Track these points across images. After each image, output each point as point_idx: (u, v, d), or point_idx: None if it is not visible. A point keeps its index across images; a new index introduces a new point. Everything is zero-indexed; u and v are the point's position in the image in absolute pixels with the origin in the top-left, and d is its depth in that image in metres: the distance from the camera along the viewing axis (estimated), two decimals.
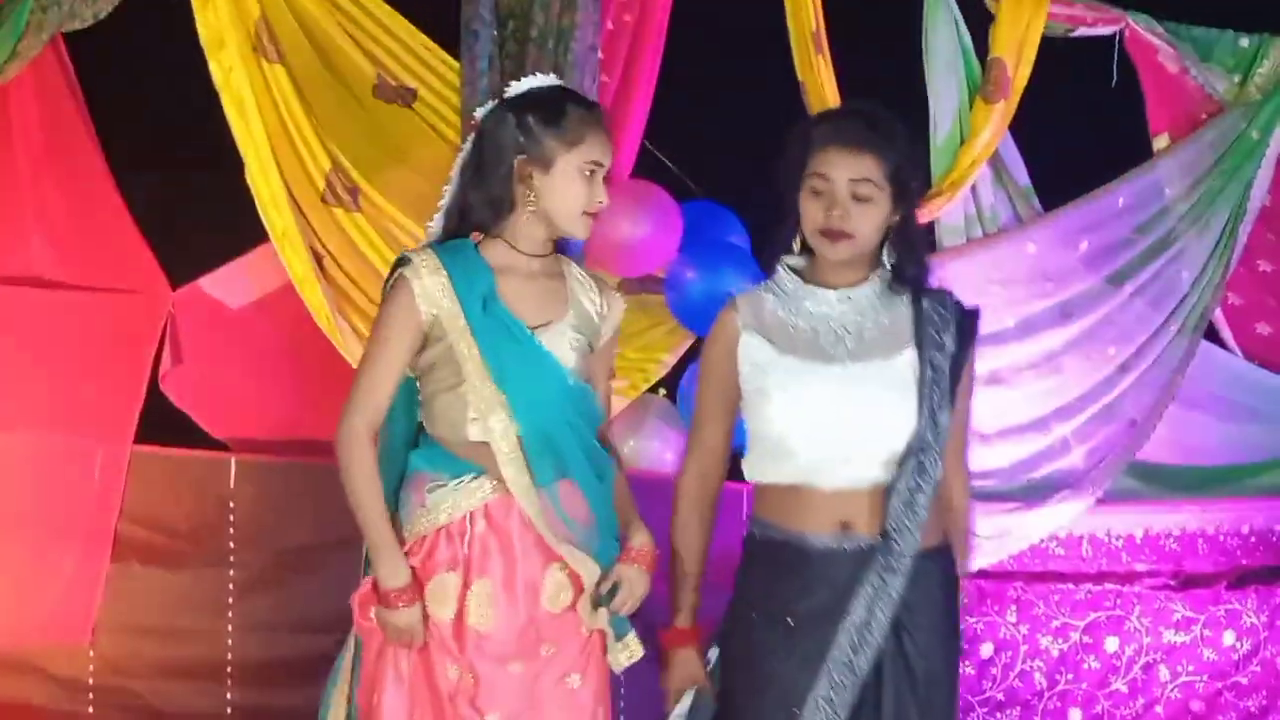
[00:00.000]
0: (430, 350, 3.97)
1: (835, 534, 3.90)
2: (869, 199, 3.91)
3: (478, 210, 4.02)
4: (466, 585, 3.95)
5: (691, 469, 4.14)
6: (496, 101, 4.05)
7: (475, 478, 3.96)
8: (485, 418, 3.93)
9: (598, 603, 4.03)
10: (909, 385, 3.92)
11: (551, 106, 3.97)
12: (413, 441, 4.08)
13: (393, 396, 3.99)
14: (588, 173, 3.98)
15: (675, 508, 4.14)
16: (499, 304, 3.96)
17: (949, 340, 3.97)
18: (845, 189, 3.90)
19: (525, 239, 4.01)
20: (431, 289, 3.94)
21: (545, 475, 3.96)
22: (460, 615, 3.94)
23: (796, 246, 4.03)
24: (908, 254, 4.01)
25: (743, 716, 3.97)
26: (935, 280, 4.09)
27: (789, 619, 3.91)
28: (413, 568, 3.95)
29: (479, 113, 4.08)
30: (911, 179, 4.00)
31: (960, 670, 4.10)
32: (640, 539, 4.10)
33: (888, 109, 4.01)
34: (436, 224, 4.09)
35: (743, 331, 4.00)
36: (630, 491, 4.17)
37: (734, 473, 4.12)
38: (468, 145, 4.06)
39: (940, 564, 4.00)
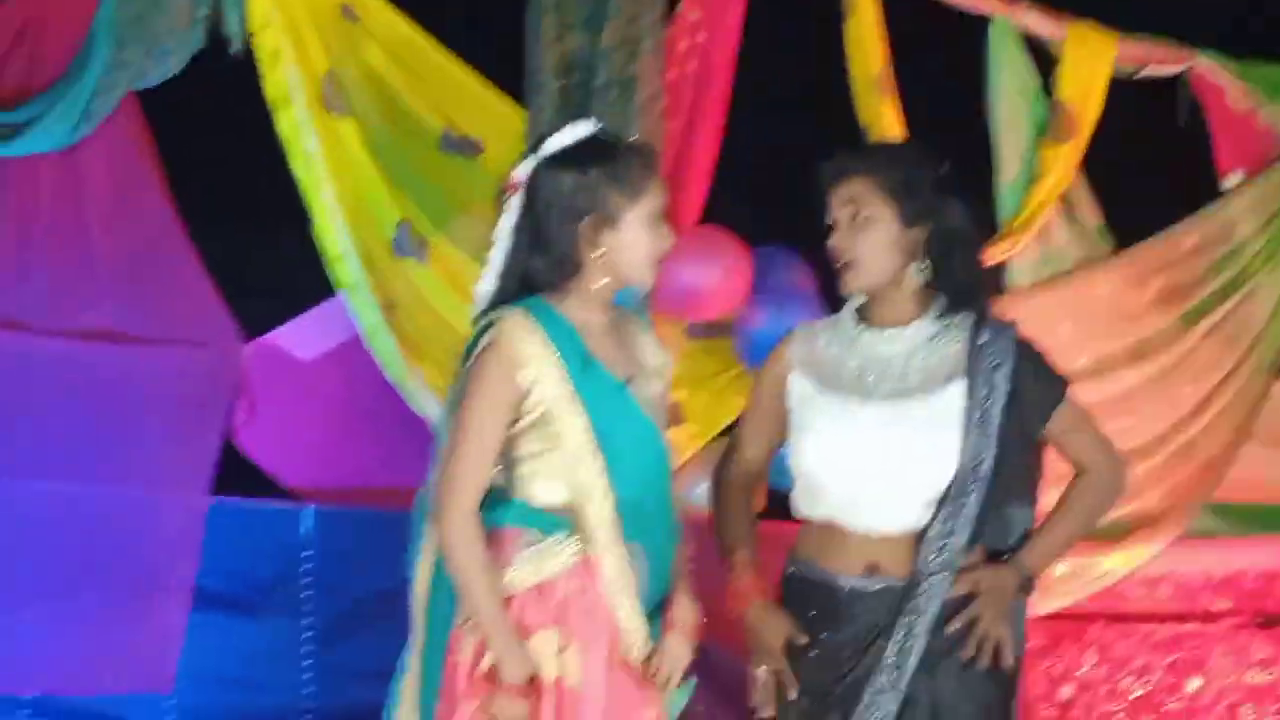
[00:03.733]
0: (525, 416, 3.84)
1: (863, 576, 3.90)
2: (867, 219, 3.91)
3: (542, 274, 3.89)
4: (564, 643, 3.85)
5: (729, 468, 4.20)
6: (538, 158, 3.93)
7: (569, 535, 3.85)
8: (583, 483, 3.82)
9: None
10: (951, 424, 3.90)
11: (609, 158, 3.87)
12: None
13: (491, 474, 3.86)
14: (654, 220, 3.90)
15: (713, 498, 4.16)
16: (597, 364, 3.87)
17: (1001, 380, 3.93)
18: (844, 217, 3.93)
19: (595, 295, 3.91)
20: (530, 352, 3.80)
21: (631, 539, 3.87)
22: (559, 676, 3.85)
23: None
24: (945, 269, 3.98)
25: None
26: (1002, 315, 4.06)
27: (811, 649, 3.91)
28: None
29: (519, 171, 3.95)
30: (920, 190, 3.95)
31: (1016, 709, 4.05)
32: (684, 608, 3.99)
33: (906, 145, 4.02)
34: (489, 287, 3.95)
35: (794, 365, 4.01)
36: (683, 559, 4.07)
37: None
38: (517, 205, 3.93)
39: None
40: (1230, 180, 7.35)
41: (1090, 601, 7.10)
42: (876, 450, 3.88)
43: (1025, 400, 3.94)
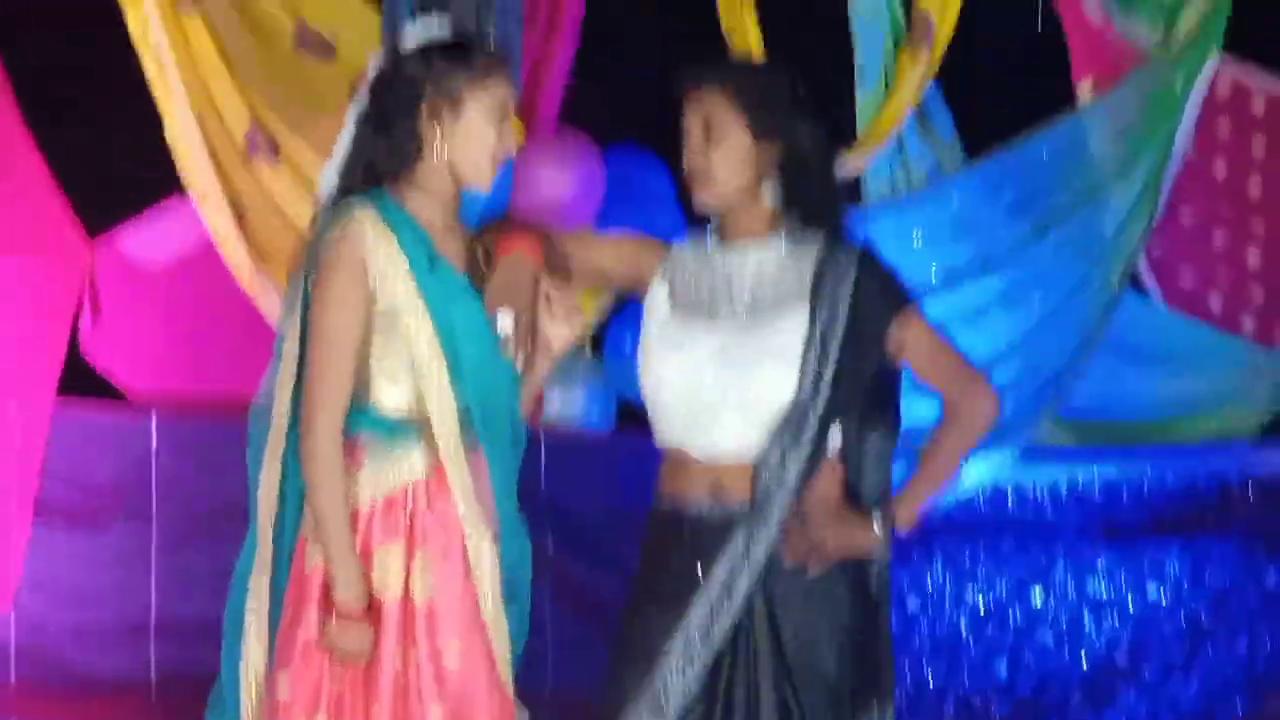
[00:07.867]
0: (373, 316, 3.71)
1: (708, 497, 3.86)
2: (719, 133, 3.87)
3: (383, 162, 3.73)
4: (410, 557, 3.73)
5: None
6: (389, 55, 3.79)
7: (416, 444, 3.73)
8: (429, 388, 3.71)
9: None
10: (791, 349, 3.80)
11: (456, 47, 3.76)
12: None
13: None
14: (497, 115, 3.79)
15: None
16: (444, 263, 3.73)
17: (842, 298, 3.84)
18: (697, 130, 3.85)
19: (436, 193, 3.77)
20: (380, 249, 3.66)
21: (475, 446, 3.75)
22: (406, 592, 3.73)
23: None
24: (797, 188, 3.89)
25: (613, 678, 3.88)
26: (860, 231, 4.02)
27: (660, 578, 3.89)
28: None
29: (370, 68, 3.79)
30: (771, 106, 3.84)
31: (864, 652, 3.99)
32: None
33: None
34: (331, 180, 3.78)
35: (658, 282, 3.95)
36: None
37: None
38: (364, 97, 3.77)
39: None
40: (1084, 91, 7.42)
41: (936, 513, 7.15)
42: (714, 373, 3.83)
43: (865, 316, 3.87)
